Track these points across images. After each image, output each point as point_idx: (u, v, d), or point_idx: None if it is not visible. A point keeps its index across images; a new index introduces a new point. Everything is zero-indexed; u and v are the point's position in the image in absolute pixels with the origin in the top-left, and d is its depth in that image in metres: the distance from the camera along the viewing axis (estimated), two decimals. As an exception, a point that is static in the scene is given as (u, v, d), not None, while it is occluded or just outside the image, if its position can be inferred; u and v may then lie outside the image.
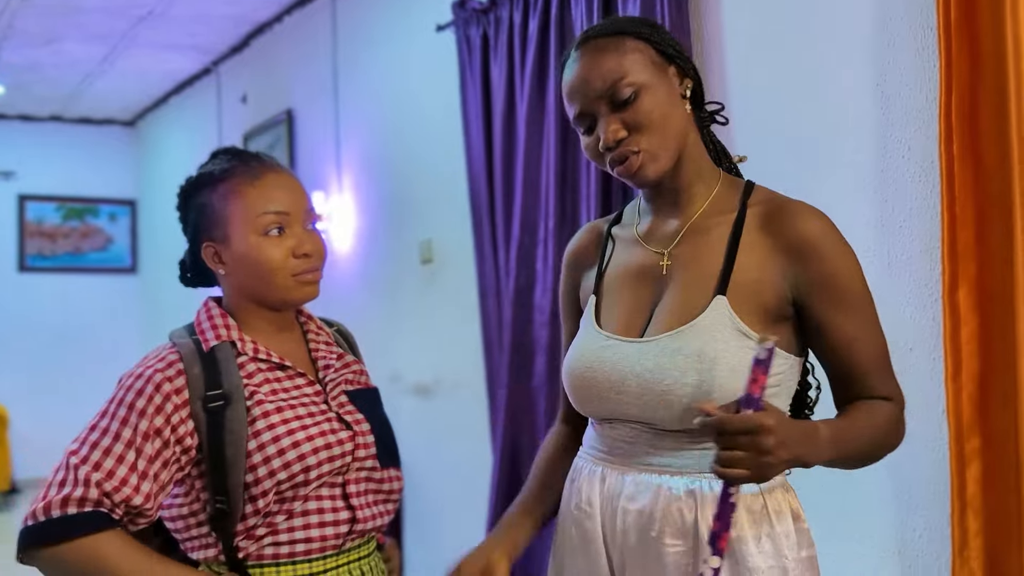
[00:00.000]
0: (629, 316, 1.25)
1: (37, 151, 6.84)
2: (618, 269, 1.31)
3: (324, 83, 4.32)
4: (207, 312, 1.33)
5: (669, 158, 1.21)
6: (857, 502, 1.93)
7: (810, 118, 2.01)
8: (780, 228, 1.19)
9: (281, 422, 1.25)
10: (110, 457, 1.18)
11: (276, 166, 1.34)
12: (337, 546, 1.28)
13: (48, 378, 6.64)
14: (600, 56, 1.20)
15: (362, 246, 4.08)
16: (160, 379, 1.23)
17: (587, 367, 1.25)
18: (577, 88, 1.21)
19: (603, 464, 1.26)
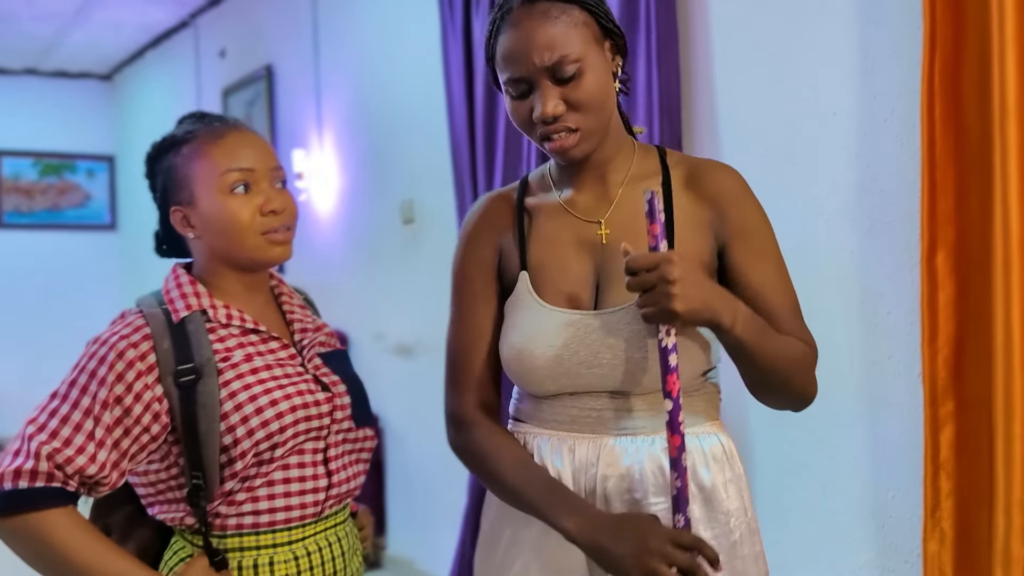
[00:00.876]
0: (574, 288, 1.24)
1: (12, 105, 6.71)
2: (547, 240, 1.27)
3: (304, 38, 4.25)
4: (176, 280, 1.30)
5: (600, 137, 1.23)
6: (831, 462, 1.96)
7: (792, 80, 2.00)
8: (701, 183, 1.25)
9: (257, 382, 1.25)
10: (67, 425, 1.17)
11: (240, 126, 1.32)
12: (316, 514, 1.29)
13: (28, 335, 6.60)
14: (548, 25, 1.16)
15: (344, 205, 4.05)
16: (124, 346, 1.20)
17: (548, 345, 1.21)
18: (519, 54, 1.16)
19: (568, 436, 1.25)
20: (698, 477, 1.22)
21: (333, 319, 4.14)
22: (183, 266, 1.34)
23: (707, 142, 2.21)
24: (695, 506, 1.22)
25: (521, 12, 1.17)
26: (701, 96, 2.22)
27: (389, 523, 3.80)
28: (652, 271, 1.08)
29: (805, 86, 1.98)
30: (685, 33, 2.24)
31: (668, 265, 1.08)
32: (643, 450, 1.21)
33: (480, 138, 2.84)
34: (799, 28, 1.99)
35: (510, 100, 1.20)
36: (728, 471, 1.25)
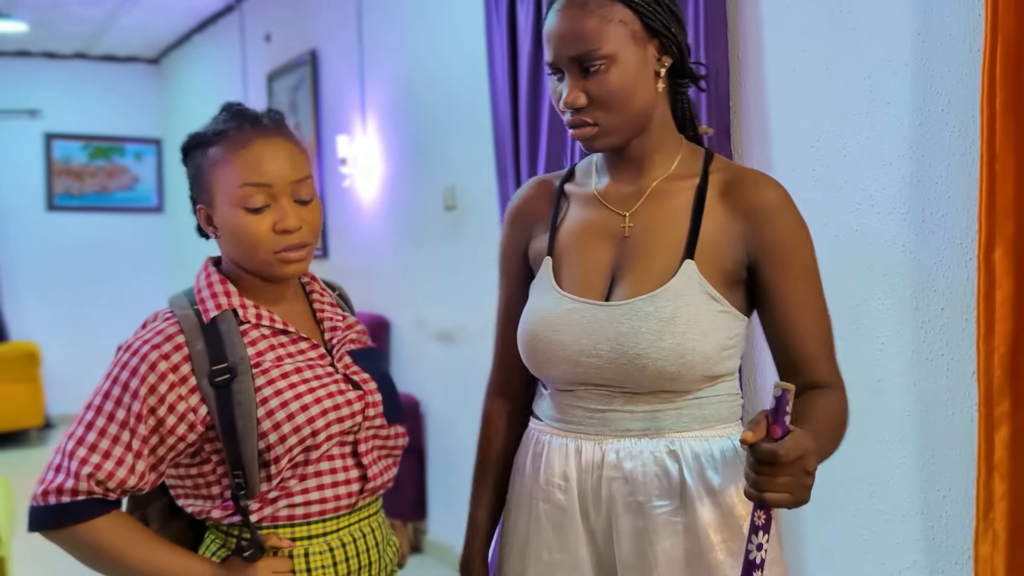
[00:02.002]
0: (589, 278, 1.24)
1: (62, 89, 6.84)
2: (574, 228, 1.28)
3: (348, 23, 4.25)
4: (207, 278, 1.29)
5: (623, 135, 1.22)
6: (880, 460, 1.92)
7: (844, 68, 1.95)
8: (739, 194, 1.22)
9: (288, 387, 1.24)
10: (105, 438, 1.19)
11: (268, 132, 1.26)
12: (350, 505, 1.29)
13: (78, 316, 6.74)
14: (582, 16, 1.16)
15: (387, 191, 4.05)
16: (156, 357, 1.20)
17: (553, 330, 1.23)
18: (552, 40, 1.19)
19: (574, 436, 1.25)
20: (707, 480, 1.20)
21: (376, 304, 4.17)
22: (214, 261, 1.34)
23: (756, 132, 2.16)
24: (704, 510, 1.19)
25: (564, 1, 1.18)
26: (750, 84, 2.17)
27: (430, 508, 3.82)
28: (794, 463, 0.99)
29: (858, 74, 1.92)
30: (734, 20, 2.19)
31: (809, 460, 1.00)
32: (646, 452, 1.21)
33: (524, 125, 2.82)
34: (852, 14, 1.93)
35: (551, 80, 1.23)
36: (739, 472, 1.22)
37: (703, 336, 1.17)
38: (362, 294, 4.28)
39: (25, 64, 6.73)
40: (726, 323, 1.20)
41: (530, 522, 1.28)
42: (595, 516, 1.23)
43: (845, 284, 1.96)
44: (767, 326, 1.24)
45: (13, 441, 6.12)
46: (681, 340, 1.16)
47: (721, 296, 1.20)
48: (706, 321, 1.18)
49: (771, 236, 1.20)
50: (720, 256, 1.20)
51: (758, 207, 1.20)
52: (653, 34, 1.18)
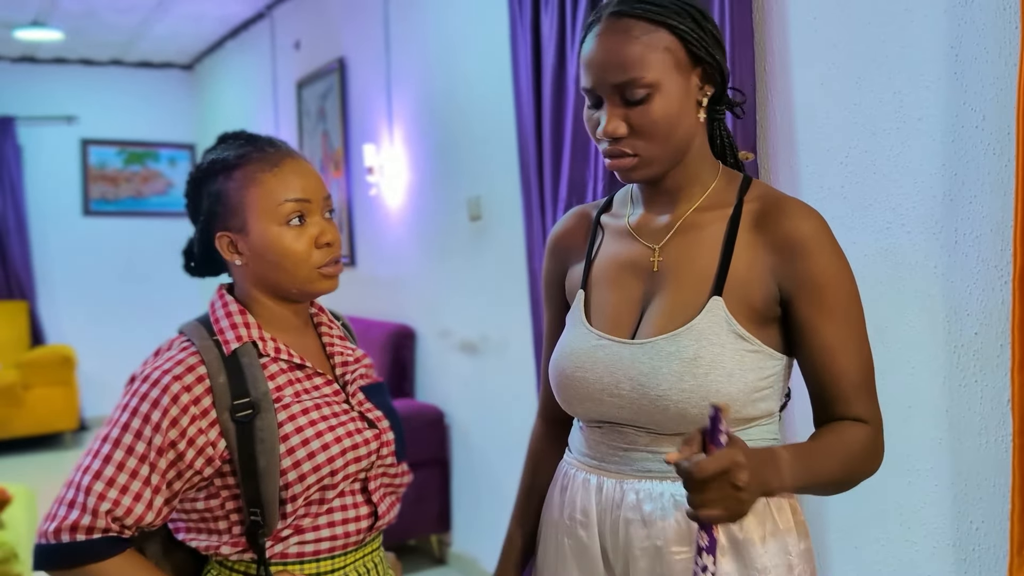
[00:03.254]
0: (619, 314, 1.22)
1: (99, 95, 6.92)
2: (607, 262, 1.26)
3: (376, 32, 4.24)
4: (224, 308, 1.27)
5: (662, 166, 1.17)
6: (910, 489, 1.85)
7: (874, 82, 1.88)
8: (773, 225, 1.16)
9: (308, 424, 1.22)
10: (123, 472, 1.15)
11: (292, 152, 1.29)
12: (358, 542, 1.28)
13: (113, 320, 6.82)
14: (625, 43, 1.11)
15: (413, 201, 4.04)
16: (178, 389, 1.17)
17: (577, 367, 1.21)
18: (592, 66, 1.14)
19: (597, 472, 1.22)
20: (729, 530, 1.15)
21: (402, 314, 4.15)
22: (227, 287, 1.32)
23: (782, 147, 2.11)
24: (724, 560, 1.15)
25: (606, 24, 1.13)
26: (777, 98, 2.11)
27: (454, 520, 3.79)
28: (718, 477, 0.96)
29: (888, 89, 1.86)
30: (760, 32, 2.13)
31: (739, 473, 0.96)
32: (667, 495, 1.16)
33: (547, 136, 2.78)
34: (882, 27, 1.87)
35: (586, 109, 1.18)
36: (769, 523, 1.17)
37: (728, 378, 1.12)
38: (389, 303, 4.28)
39: (62, 71, 6.83)
40: (757, 363, 1.14)
41: (556, 556, 1.26)
42: (614, 556, 1.20)
43: (874, 306, 1.89)
44: (801, 363, 1.19)
45: (48, 444, 6.20)
46: (703, 382, 1.11)
47: (751, 335, 1.14)
48: (732, 362, 1.12)
49: (805, 271, 1.13)
50: (750, 292, 1.15)
51: (791, 240, 1.14)
52: (697, 62, 1.14)
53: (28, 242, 6.63)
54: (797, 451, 1.10)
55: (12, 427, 5.92)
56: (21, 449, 6.04)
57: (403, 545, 3.92)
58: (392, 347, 3.94)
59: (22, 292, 6.58)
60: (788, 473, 1.06)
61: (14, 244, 6.54)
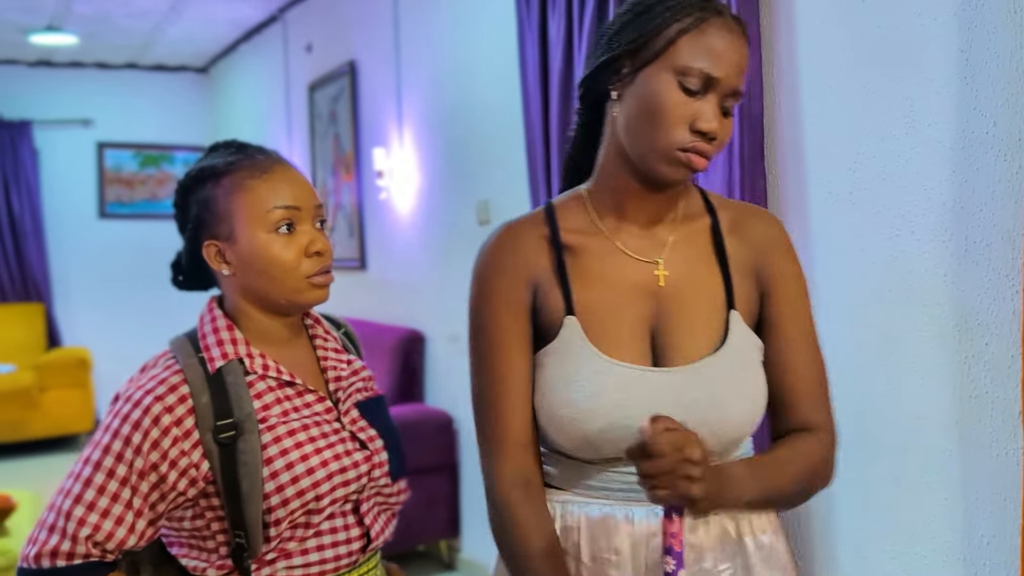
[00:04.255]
0: (632, 339, 1.12)
1: (114, 99, 6.96)
2: (599, 283, 1.14)
3: (386, 35, 4.23)
4: (212, 323, 1.23)
5: None
6: (918, 503, 1.82)
7: (883, 88, 1.85)
8: (748, 229, 1.19)
9: (294, 446, 1.18)
10: (104, 496, 1.12)
11: (282, 160, 1.26)
12: (351, 564, 1.25)
13: (128, 321, 6.85)
14: (744, 53, 1.09)
15: (422, 205, 4.02)
16: (159, 410, 1.14)
17: (616, 406, 1.08)
18: (727, 60, 1.06)
19: (622, 505, 1.14)
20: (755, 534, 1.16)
21: (412, 318, 4.14)
22: (217, 300, 1.28)
23: (790, 154, 2.07)
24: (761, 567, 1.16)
25: (735, 26, 1.09)
26: (785, 104, 2.08)
27: (463, 526, 3.78)
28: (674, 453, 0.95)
29: (897, 94, 1.82)
30: (768, 38, 2.10)
31: (691, 449, 0.95)
32: (710, 516, 1.13)
33: (555, 140, 2.76)
34: (891, 31, 1.83)
35: (675, 89, 1.06)
36: (777, 522, 1.19)
37: (762, 386, 1.15)
38: (399, 307, 4.27)
39: (78, 75, 6.87)
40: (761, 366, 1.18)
41: None
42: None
43: (882, 314, 1.87)
44: (768, 358, 1.18)
45: (64, 445, 6.24)
46: (754, 396, 1.12)
47: (759, 340, 1.17)
48: (759, 370, 1.15)
49: (778, 269, 1.18)
50: (749, 299, 1.17)
51: (768, 240, 1.19)
52: None
53: (44, 245, 6.67)
54: (751, 466, 1.10)
55: (28, 429, 5.97)
56: (37, 451, 6.07)
57: (412, 551, 3.90)
58: (401, 351, 3.93)
59: (39, 294, 6.63)
60: (737, 488, 1.06)
61: (31, 247, 6.59)
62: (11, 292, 6.59)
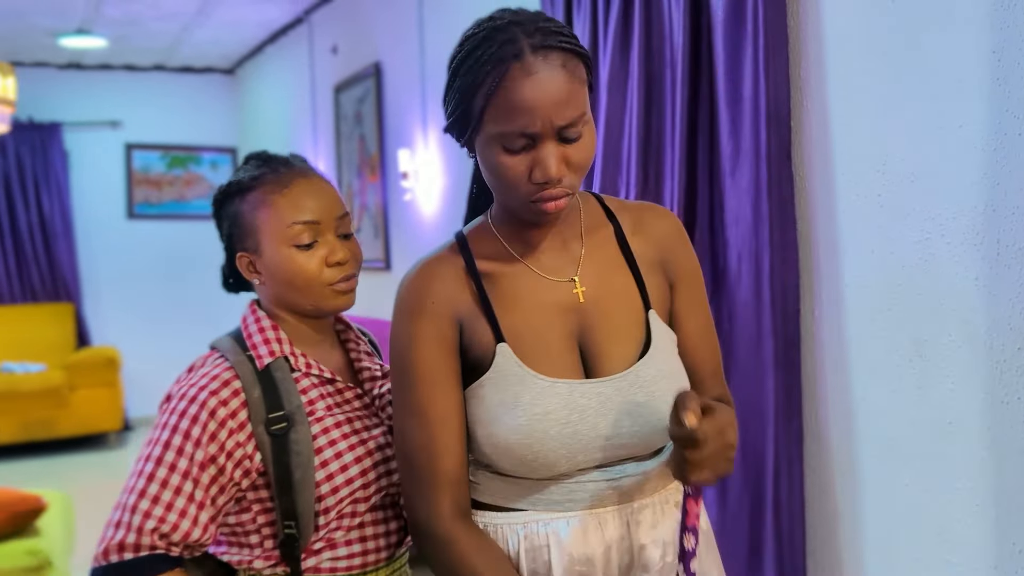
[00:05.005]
0: (561, 355, 1.13)
1: (142, 100, 7.03)
2: (520, 307, 1.14)
3: (410, 36, 4.24)
4: (257, 323, 1.29)
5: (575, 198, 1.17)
6: (950, 508, 1.79)
7: (912, 88, 1.82)
8: (649, 228, 1.23)
9: (341, 437, 1.24)
10: (167, 489, 1.16)
11: (306, 171, 1.30)
12: (388, 557, 1.29)
13: (156, 321, 6.92)
14: (567, 80, 1.04)
15: (447, 206, 4.03)
16: (215, 404, 1.19)
17: (564, 423, 1.09)
18: (536, 107, 1.02)
19: (591, 513, 1.14)
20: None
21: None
22: (256, 303, 1.34)
23: (817, 154, 2.05)
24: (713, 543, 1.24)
25: (536, 61, 1.03)
26: (812, 104, 2.06)
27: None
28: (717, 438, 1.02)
29: (927, 94, 1.80)
30: (795, 36, 2.08)
31: (731, 431, 1.04)
32: (670, 503, 1.18)
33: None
34: (922, 31, 1.81)
35: (502, 154, 1.06)
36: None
37: (684, 376, 1.19)
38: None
39: (107, 77, 6.94)
40: None
41: None
42: None
43: (912, 318, 1.84)
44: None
45: (93, 444, 6.31)
46: (682, 387, 1.14)
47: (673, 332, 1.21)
48: (680, 362, 1.20)
49: (681, 263, 1.23)
50: (662, 295, 1.21)
51: (668, 237, 1.23)
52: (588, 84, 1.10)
53: (74, 245, 6.75)
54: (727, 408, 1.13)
55: (58, 427, 6.04)
56: (67, 449, 6.15)
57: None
58: (426, 352, 3.93)
59: (68, 294, 6.71)
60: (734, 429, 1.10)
61: (61, 247, 6.67)
62: (42, 292, 6.67)
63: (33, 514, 2.77)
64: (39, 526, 2.82)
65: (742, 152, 2.14)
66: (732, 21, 2.13)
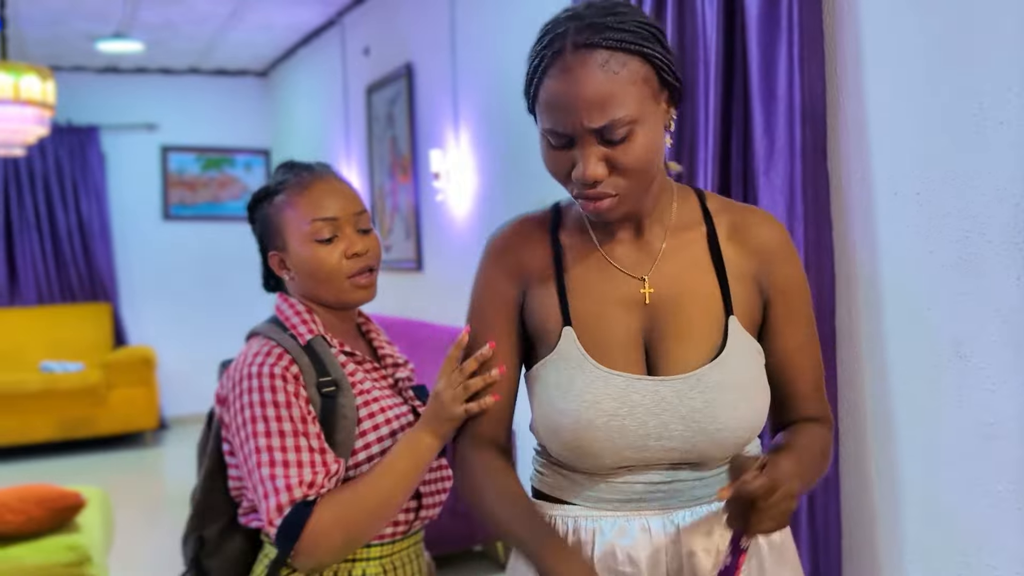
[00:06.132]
0: (625, 350, 1.12)
1: (178, 103, 7.12)
2: (589, 294, 1.15)
3: (442, 37, 4.25)
4: (292, 308, 1.40)
5: (639, 200, 1.11)
6: (991, 511, 1.76)
7: (951, 85, 1.80)
8: (748, 234, 1.18)
9: (380, 410, 1.35)
10: (289, 451, 1.26)
11: (325, 174, 1.42)
12: (404, 532, 1.38)
13: (191, 321, 7.01)
14: (604, 80, 1.01)
15: (478, 206, 4.04)
16: (280, 370, 1.29)
17: (612, 415, 1.09)
18: (565, 107, 1.03)
19: (636, 515, 1.14)
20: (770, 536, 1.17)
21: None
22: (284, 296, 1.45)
23: (854, 152, 2.03)
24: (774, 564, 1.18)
25: (575, 58, 1.02)
26: (848, 102, 2.03)
27: (520, 526, 3.78)
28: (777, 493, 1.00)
29: (967, 91, 1.77)
30: (831, 33, 2.06)
31: (792, 483, 1.02)
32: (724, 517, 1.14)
33: (612, 141, 2.74)
34: (961, 25, 1.78)
35: (548, 147, 1.08)
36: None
37: (764, 392, 1.15)
38: (455, 309, 4.28)
39: (144, 80, 7.04)
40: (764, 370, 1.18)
41: None
42: None
43: (952, 318, 1.81)
44: (770, 360, 1.19)
45: (130, 442, 6.40)
46: (753, 404, 1.12)
47: (760, 345, 1.17)
48: (761, 376, 1.16)
49: (779, 275, 1.17)
50: (750, 304, 1.16)
51: (769, 246, 1.17)
52: (665, 86, 1.08)
53: (111, 246, 6.86)
54: (791, 457, 1.11)
55: (96, 426, 6.13)
56: (104, 447, 6.24)
57: (469, 551, 3.92)
58: (458, 352, 3.94)
59: (106, 294, 6.81)
60: (794, 481, 1.07)
61: (99, 248, 6.77)
62: (80, 292, 6.78)
63: (73, 510, 2.82)
64: (78, 522, 2.86)
65: (776, 150, 2.12)
66: (766, 18, 2.11)
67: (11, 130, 4.01)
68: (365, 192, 5.41)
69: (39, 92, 3.93)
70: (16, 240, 6.58)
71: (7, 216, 6.59)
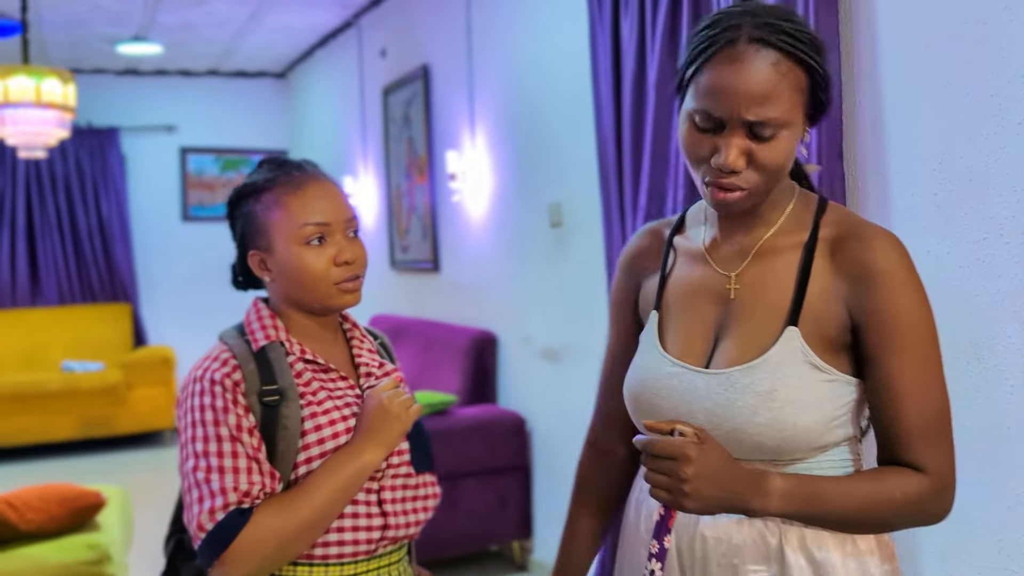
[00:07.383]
0: (692, 340, 1.20)
1: (197, 105, 7.17)
2: (681, 285, 1.24)
3: (458, 39, 4.26)
4: (256, 313, 1.37)
5: (763, 198, 1.14)
6: (1010, 515, 1.75)
7: (969, 85, 1.79)
8: (846, 253, 1.13)
9: (328, 423, 1.30)
10: (225, 456, 1.23)
11: (318, 175, 1.37)
12: (369, 551, 1.32)
13: (209, 322, 7.01)
14: (770, 78, 1.05)
15: (495, 207, 4.04)
16: (221, 376, 1.27)
17: (653, 393, 1.20)
18: (726, 94, 1.05)
19: None
20: (808, 551, 1.13)
21: (484, 320, 4.17)
22: (262, 299, 1.41)
23: (871, 154, 2.02)
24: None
25: (747, 50, 1.05)
26: (865, 102, 2.02)
27: (536, 526, 3.78)
28: (666, 460, 1.06)
29: (985, 90, 1.76)
30: (847, 32, 2.05)
31: (685, 465, 1.05)
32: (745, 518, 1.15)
33: (627, 142, 2.74)
34: (979, 26, 1.77)
35: (691, 128, 1.10)
36: (849, 545, 1.14)
37: (805, 410, 1.10)
38: (471, 309, 4.29)
39: (163, 82, 7.10)
40: (833, 392, 1.12)
41: (634, 566, 1.27)
42: (689, 569, 1.19)
43: (970, 320, 1.80)
44: (867, 393, 1.15)
45: (149, 441, 6.46)
46: (779, 415, 1.09)
47: (826, 364, 1.12)
48: (809, 394, 1.10)
49: (875, 303, 1.10)
50: (825, 321, 1.12)
51: (865, 269, 1.11)
52: (814, 102, 1.11)
53: (131, 247, 6.92)
54: (802, 481, 1.09)
55: (115, 425, 6.19)
56: (124, 446, 6.30)
57: (485, 551, 3.93)
58: (474, 353, 3.96)
59: (126, 295, 6.87)
60: (777, 494, 1.08)
61: (119, 249, 6.83)
62: (100, 293, 6.85)
63: (93, 509, 2.85)
64: (98, 521, 2.89)
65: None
66: (782, 19, 2.11)
67: (33, 133, 4.05)
68: (382, 192, 5.43)
69: (60, 95, 3.97)
70: (38, 241, 6.65)
71: (29, 217, 6.66)
